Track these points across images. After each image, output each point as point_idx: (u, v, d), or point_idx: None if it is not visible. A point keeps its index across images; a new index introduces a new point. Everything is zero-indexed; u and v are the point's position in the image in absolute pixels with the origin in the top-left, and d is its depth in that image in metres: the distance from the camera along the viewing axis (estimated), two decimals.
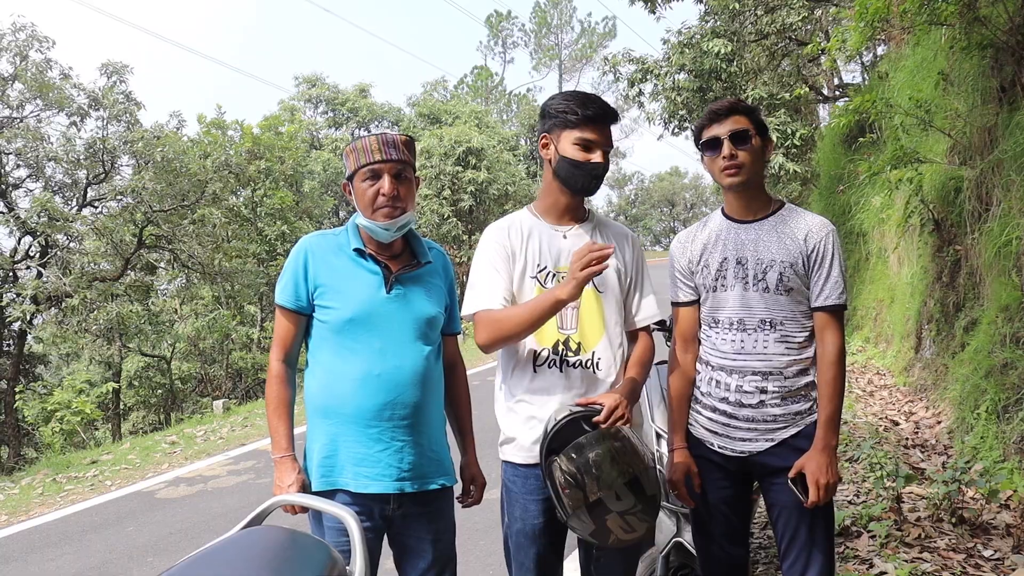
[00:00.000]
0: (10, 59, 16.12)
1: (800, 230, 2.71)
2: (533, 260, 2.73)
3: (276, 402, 2.63)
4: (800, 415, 2.70)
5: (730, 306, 2.75)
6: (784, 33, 14.43)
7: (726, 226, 2.83)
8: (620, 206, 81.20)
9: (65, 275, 15.27)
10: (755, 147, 2.71)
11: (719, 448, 2.79)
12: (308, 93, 36.61)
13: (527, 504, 2.69)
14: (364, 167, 2.60)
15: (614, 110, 2.71)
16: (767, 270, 2.69)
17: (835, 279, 2.66)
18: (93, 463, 8.92)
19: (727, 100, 2.80)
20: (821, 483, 2.56)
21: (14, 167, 16.90)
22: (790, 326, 2.69)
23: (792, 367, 2.69)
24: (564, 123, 2.68)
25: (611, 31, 60.05)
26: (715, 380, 2.79)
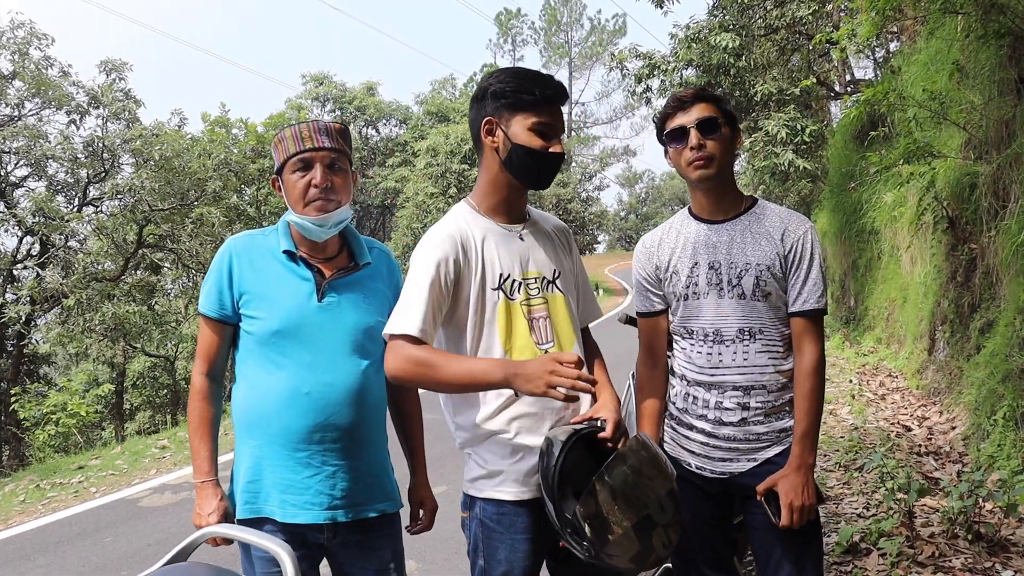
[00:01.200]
0: (9, 56, 15.98)
1: (776, 228, 2.47)
2: (492, 270, 2.33)
3: (198, 421, 2.37)
4: (785, 432, 2.47)
5: (704, 315, 2.51)
6: (794, 27, 14.13)
7: (695, 228, 2.58)
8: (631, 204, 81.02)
9: (67, 275, 15.12)
10: (725, 136, 2.47)
11: (697, 469, 2.55)
12: (315, 91, 36.53)
13: (515, 544, 2.31)
14: (294, 156, 2.32)
15: (566, 89, 2.41)
16: (742, 274, 2.45)
17: (814, 281, 2.44)
18: (80, 468, 8.70)
19: (692, 88, 2.56)
20: (796, 505, 2.33)
21: (15, 166, 16.76)
22: (770, 334, 2.46)
23: (775, 380, 2.46)
24: (516, 105, 2.30)
25: (621, 28, 59.82)
26: (692, 396, 2.55)
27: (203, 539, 2.08)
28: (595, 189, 60.25)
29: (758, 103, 15.19)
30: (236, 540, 2.17)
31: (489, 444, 2.34)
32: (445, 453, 7.20)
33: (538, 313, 2.37)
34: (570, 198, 41.05)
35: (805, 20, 13.56)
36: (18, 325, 14.74)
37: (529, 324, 2.35)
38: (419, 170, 29.93)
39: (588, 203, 47.07)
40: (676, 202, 77.37)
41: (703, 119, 2.44)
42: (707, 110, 2.45)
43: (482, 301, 2.32)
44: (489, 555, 2.34)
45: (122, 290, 16.51)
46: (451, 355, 2.26)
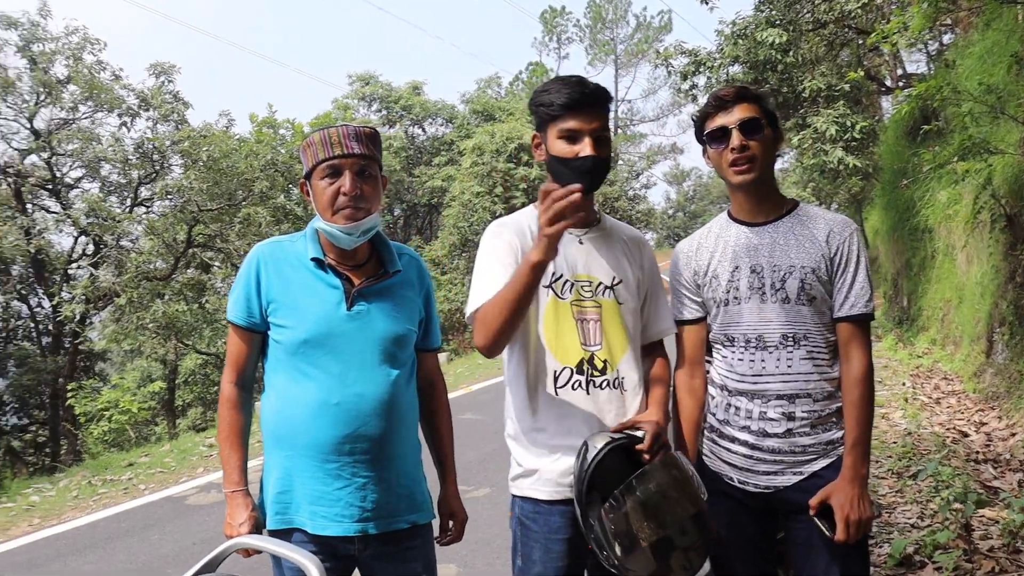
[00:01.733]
0: (64, 62, 16.32)
1: (820, 231, 2.38)
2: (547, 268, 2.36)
3: (227, 430, 2.34)
4: (833, 444, 2.36)
5: (746, 321, 2.41)
6: (843, 21, 13.82)
7: (735, 230, 2.49)
8: (678, 202, 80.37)
9: (120, 274, 15.40)
10: (767, 138, 2.38)
11: (739, 484, 2.44)
12: (362, 91, 36.64)
13: (549, 544, 2.33)
14: (323, 163, 2.26)
15: (598, 89, 2.35)
16: (786, 277, 2.36)
17: (861, 284, 2.34)
18: (130, 465, 8.85)
19: (733, 86, 2.45)
20: (852, 519, 2.23)
21: (70, 168, 17.12)
22: (815, 340, 2.36)
23: (821, 388, 2.36)
24: (547, 117, 2.34)
25: (667, 25, 59.24)
26: (733, 406, 2.44)
27: (232, 550, 2.08)
28: (642, 187, 59.76)
29: (806, 99, 14.87)
30: (264, 551, 2.15)
31: (528, 442, 2.38)
32: (489, 455, 7.22)
33: (589, 315, 2.39)
34: (617, 196, 40.70)
35: (854, 14, 13.25)
36: (73, 323, 15.03)
37: (578, 324, 2.37)
38: (465, 169, 29.89)
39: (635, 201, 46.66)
40: (724, 200, 76.55)
41: (745, 120, 2.35)
42: (749, 110, 2.37)
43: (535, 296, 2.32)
44: (525, 554, 2.38)
45: (173, 289, 16.76)
46: None
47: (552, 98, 2.32)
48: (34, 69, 15.88)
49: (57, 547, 6.03)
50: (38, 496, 7.77)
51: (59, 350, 16.84)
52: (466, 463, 7.19)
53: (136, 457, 9.35)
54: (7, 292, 16.96)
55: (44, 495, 7.82)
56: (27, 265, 16.67)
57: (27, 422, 17.75)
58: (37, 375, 15.81)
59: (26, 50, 16.00)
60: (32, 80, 15.82)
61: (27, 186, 16.24)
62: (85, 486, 8.03)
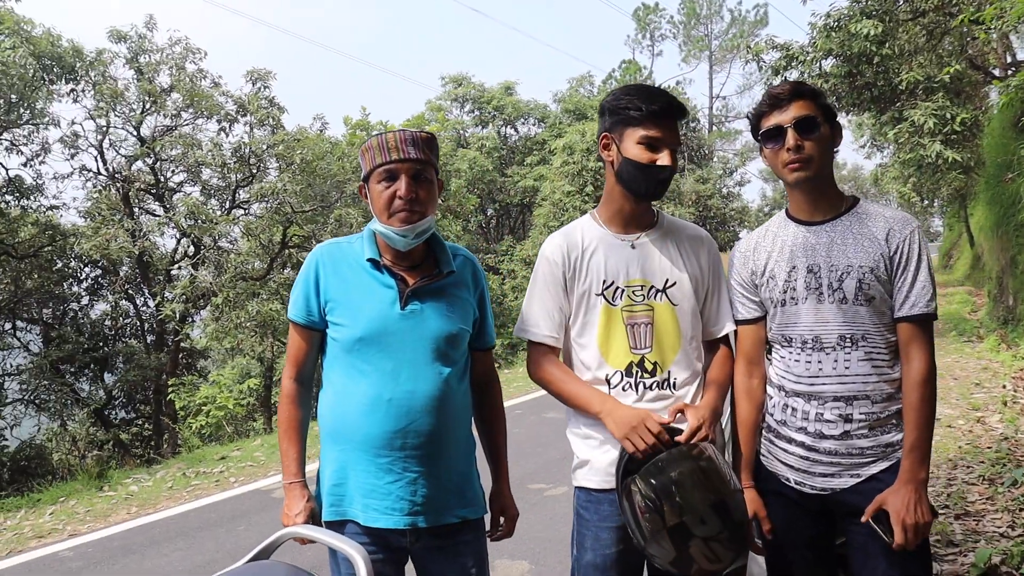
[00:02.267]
0: (168, 71, 17.01)
1: (879, 229, 2.33)
2: (598, 276, 2.51)
3: (287, 424, 2.45)
4: (892, 447, 2.32)
5: (803, 322, 2.39)
6: (944, 9, 13.28)
7: (792, 230, 2.48)
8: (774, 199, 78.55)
9: (219, 275, 15.98)
10: (823, 136, 2.36)
11: (796, 484, 2.42)
12: (454, 92, 37.02)
13: (599, 532, 2.45)
14: (380, 167, 2.35)
15: (681, 104, 2.46)
16: (843, 277, 2.33)
17: (923, 283, 2.29)
18: (222, 459, 9.18)
19: (788, 83, 2.43)
20: (909, 523, 2.19)
21: (173, 173, 17.84)
22: (874, 341, 2.32)
23: (880, 390, 2.32)
24: (627, 120, 2.42)
25: (763, 19, 58.03)
26: (790, 407, 2.42)
27: (284, 539, 2.15)
28: (736, 184, 58.68)
29: (903, 92, 14.35)
30: (315, 541, 2.22)
31: (582, 438, 2.52)
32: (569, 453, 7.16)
33: (640, 320, 2.48)
34: (710, 194, 40.16)
35: (956, 1, 12.73)
36: (174, 322, 15.66)
37: (628, 329, 2.47)
38: (555, 168, 29.90)
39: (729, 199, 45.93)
40: None
41: (800, 118, 2.33)
42: (805, 108, 2.34)
43: (586, 305, 2.51)
44: (580, 543, 2.50)
45: (269, 289, 17.27)
46: (569, 374, 2.52)
47: (640, 103, 2.39)
48: (140, 79, 16.59)
49: (151, 534, 6.31)
50: (136, 486, 8.13)
51: (162, 348, 17.57)
52: (547, 461, 7.22)
53: (229, 451, 9.69)
54: (115, 292, 17.79)
55: (142, 485, 8.18)
56: (133, 266, 17.46)
57: (134, 416, 18.58)
58: (142, 371, 16.52)
59: (133, 61, 16.73)
60: (138, 90, 16.53)
61: (133, 191, 17.01)
62: (180, 477, 8.37)
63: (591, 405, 2.40)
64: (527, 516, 5.74)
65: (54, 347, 16.02)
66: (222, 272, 16.17)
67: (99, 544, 6.15)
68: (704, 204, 39.46)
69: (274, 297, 17.14)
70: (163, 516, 6.84)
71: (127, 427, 18.08)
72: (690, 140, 43.72)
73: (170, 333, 17.06)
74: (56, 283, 16.92)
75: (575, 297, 2.51)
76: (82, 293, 18.07)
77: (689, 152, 42.97)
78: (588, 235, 2.55)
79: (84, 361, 17.01)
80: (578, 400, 2.44)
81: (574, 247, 2.52)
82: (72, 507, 7.43)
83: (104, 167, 17.16)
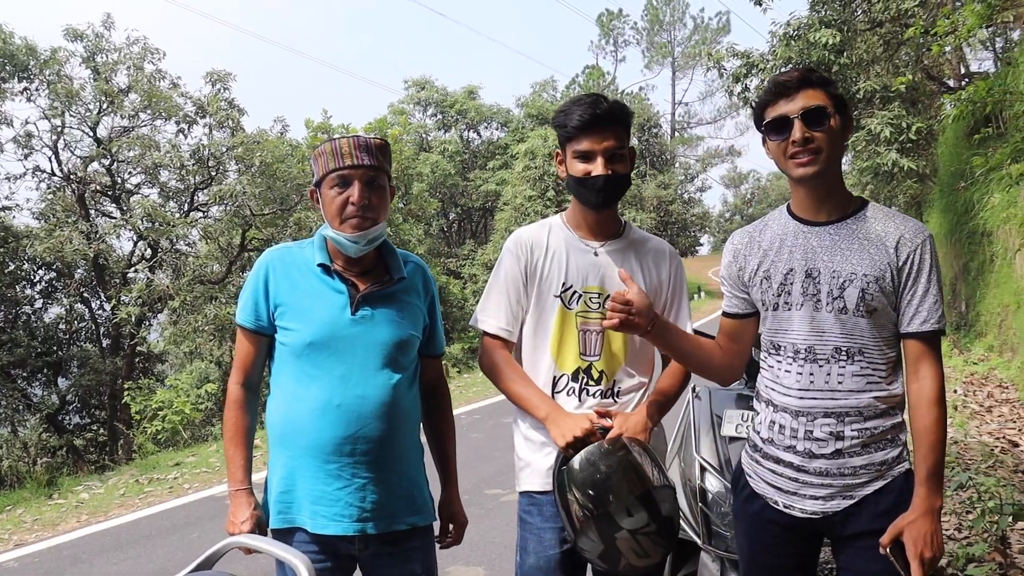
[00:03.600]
0: (125, 72, 16.77)
1: (889, 236, 2.14)
2: (558, 278, 2.51)
3: (233, 430, 2.40)
4: (886, 465, 2.17)
5: (796, 330, 2.21)
6: (900, 20, 13.50)
7: (793, 228, 2.27)
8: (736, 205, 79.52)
9: (177, 278, 15.77)
10: (833, 129, 2.15)
11: (784, 508, 2.25)
12: (417, 96, 36.98)
13: (542, 534, 2.45)
14: (333, 172, 2.31)
15: (612, 108, 2.41)
16: (845, 286, 2.14)
17: (934, 298, 2.12)
18: (176, 465, 9.06)
19: (796, 69, 2.21)
20: (927, 556, 2.03)
21: (130, 174, 17.57)
22: (871, 356, 2.16)
23: (873, 407, 2.16)
24: (564, 138, 2.47)
25: (724, 27, 58.78)
26: (778, 424, 2.25)
27: (228, 548, 2.12)
28: (697, 190, 59.32)
29: (861, 101, 14.58)
30: (256, 550, 2.19)
31: (525, 440, 2.53)
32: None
33: (591, 327, 2.49)
34: (671, 199, 40.58)
35: (911, 12, 12.95)
36: (130, 325, 15.42)
37: (580, 335, 2.48)
38: (518, 173, 30.00)
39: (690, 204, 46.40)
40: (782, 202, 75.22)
41: (809, 108, 2.12)
42: (814, 97, 2.14)
43: (542, 305, 2.51)
44: (523, 547, 2.50)
45: (228, 292, 17.09)
46: (519, 373, 2.51)
47: (566, 119, 2.42)
48: (97, 79, 16.33)
49: (101, 543, 6.19)
50: (87, 494, 7.98)
51: (118, 352, 17.27)
52: (504, 466, 7.22)
53: (184, 457, 9.56)
54: (70, 295, 17.47)
55: (93, 493, 8.03)
56: (89, 269, 17.14)
57: (88, 421, 18.25)
58: (97, 376, 16.24)
59: (90, 61, 16.46)
60: (95, 90, 16.27)
61: (89, 192, 16.71)
62: (132, 484, 8.23)
63: (537, 410, 2.41)
64: (483, 522, 5.72)
65: (5, 351, 15.66)
66: (180, 275, 15.97)
67: (47, 554, 6.03)
68: (665, 209, 39.83)
69: (233, 301, 16.93)
70: (114, 524, 6.73)
71: (81, 433, 17.74)
72: (652, 146, 44.07)
73: (126, 337, 16.77)
74: (8, 286, 16.53)
75: (533, 295, 2.52)
76: (35, 296, 17.68)
77: (651, 158, 43.31)
78: (555, 236, 2.56)
79: (37, 365, 16.67)
80: (525, 403, 2.45)
81: (539, 245, 2.54)
82: (19, 516, 7.27)
83: (59, 168, 16.86)
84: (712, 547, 3.04)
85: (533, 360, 2.54)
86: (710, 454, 3.21)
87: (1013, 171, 6.80)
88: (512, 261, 2.54)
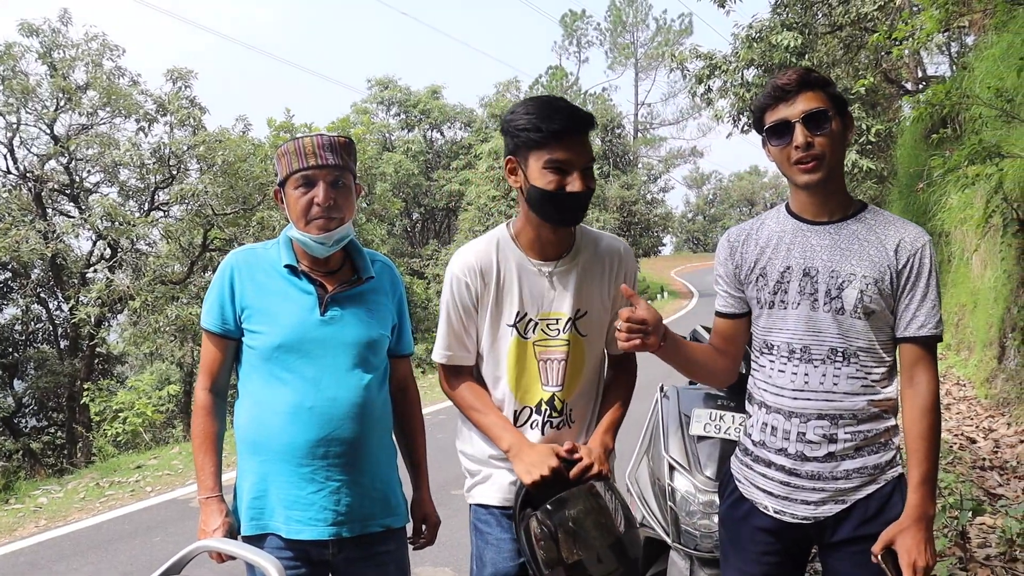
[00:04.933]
0: (83, 68, 16.50)
1: (890, 239, 2.12)
2: (511, 307, 2.35)
3: (201, 437, 2.35)
4: (879, 469, 2.14)
5: (791, 329, 2.18)
6: (859, 24, 13.72)
7: (792, 227, 2.24)
8: (698, 206, 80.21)
9: (137, 278, 15.55)
10: (835, 132, 2.11)
11: (775, 514, 2.22)
12: (380, 95, 36.84)
13: (500, 545, 2.37)
14: (297, 173, 2.27)
15: (587, 116, 2.23)
16: (844, 286, 2.11)
17: (932, 302, 2.10)
18: (138, 468, 8.91)
19: (796, 71, 2.17)
20: (919, 566, 2.01)
21: (88, 173, 17.30)
22: (866, 359, 2.13)
23: (866, 410, 2.13)
24: (529, 143, 2.20)
25: (687, 28, 59.18)
26: (770, 426, 2.22)
27: (196, 552, 2.08)
28: (660, 191, 59.66)
29: None
30: (225, 554, 2.16)
31: (483, 457, 2.44)
32: None
33: (553, 355, 2.38)
34: (634, 200, 40.75)
35: (871, 16, 13.16)
36: (89, 326, 15.17)
37: (540, 365, 2.37)
38: (481, 173, 30.02)
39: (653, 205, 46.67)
40: (744, 203, 76.35)
41: (810, 112, 2.08)
42: (814, 100, 2.09)
43: (495, 335, 2.38)
44: (479, 558, 2.42)
45: (189, 293, 16.88)
46: (482, 400, 2.40)
47: (539, 124, 2.18)
48: (54, 75, 16.05)
49: (61, 548, 6.07)
50: (46, 498, 7.83)
51: (76, 353, 16.99)
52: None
53: (146, 459, 9.42)
54: (26, 296, 17.16)
55: (52, 497, 7.88)
56: (46, 269, 16.85)
57: (46, 424, 17.94)
58: (55, 378, 15.97)
59: (46, 56, 16.17)
60: (52, 86, 16.00)
61: (46, 191, 16.41)
62: (93, 488, 8.09)
63: (500, 441, 2.33)
64: (450, 522, 5.67)
65: None
66: (140, 275, 15.76)
67: (3, 560, 5.89)
68: (628, 210, 39.97)
69: (194, 301, 16.75)
70: (74, 528, 6.59)
71: (38, 436, 17.42)
72: (615, 146, 44.24)
73: (85, 338, 16.49)
74: None
75: (486, 324, 2.37)
76: None
77: (614, 158, 43.46)
78: (504, 257, 2.36)
79: None
80: (487, 431, 2.37)
81: (488, 271, 2.34)
82: None
83: (15, 166, 16.55)
84: (681, 545, 3.05)
85: (493, 393, 2.43)
86: (679, 453, 3.22)
87: (970, 172, 6.93)
88: (458, 290, 2.37)
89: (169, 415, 17.52)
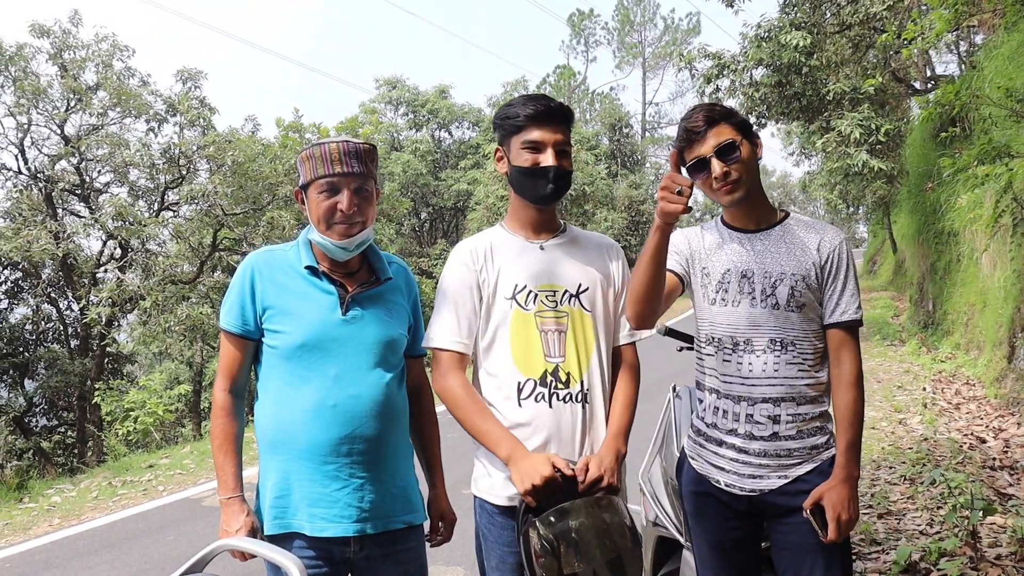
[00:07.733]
0: (94, 69, 16.55)
1: (811, 240, 2.43)
2: (507, 279, 2.45)
3: (222, 437, 2.38)
4: (816, 449, 2.41)
5: (734, 324, 2.43)
6: (868, 23, 13.68)
7: (728, 235, 2.53)
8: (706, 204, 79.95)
9: (147, 278, 15.59)
10: (745, 156, 2.39)
11: (726, 487, 2.46)
12: (388, 95, 36.85)
13: (504, 555, 2.40)
14: (322, 178, 2.31)
15: (563, 107, 2.47)
16: (777, 284, 2.39)
17: (851, 292, 2.40)
18: (150, 467, 8.96)
19: (699, 110, 2.43)
20: (843, 519, 2.27)
21: (99, 173, 17.35)
22: (802, 346, 2.40)
23: (804, 394, 2.40)
24: (511, 129, 2.45)
25: (695, 27, 58.94)
26: (721, 410, 2.47)
27: (219, 551, 2.11)
28: None
29: (831, 102, 14.76)
30: (247, 553, 2.19)
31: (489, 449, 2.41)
32: None
33: (551, 326, 2.43)
34: (642, 200, 40.69)
35: (880, 15, 13.12)
36: (100, 326, 15.23)
37: (541, 336, 2.42)
38: (489, 172, 29.96)
39: None
40: None
41: (720, 145, 2.36)
42: (723, 133, 2.37)
43: (495, 311, 2.44)
44: (487, 558, 2.47)
45: (199, 292, 16.93)
46: (478, 404, 2.39)
47: (518, 111, 2.42)
48: (64, 76, 16.09)
49: (75, 547, 6.12)
50: (59, 497, 7.89)
51: (87, 353, 17.05)
52: None
53: (157, 459, 9.47)
54: (37, 295, 17.23)
55: (65, 496, 7.94)
56: (56, 269, 16.91)
57: (56, 423, 18.01)
58: (65, 377, 16.02)
59: (57, 57, 16.21)
60: (62, 87, 16.04)
61: (57, 191, 16.48)
62: (105, 487, 8.14)
63: (497, 448, 2.31)
64: (461, 521, 5.72)
65: None
66: (150, 275, 15.78)
67: (19, 559, 5.95)
68: (636, 209, 39.91)
69: (204, 301, 16.81)
70: (88, 527, 6.65)
71: (49, 435, 17.52)
72: (623, 146, 44.18)
73: (95, 338, 16.55)
74: None
75: (485, 302, 2.44)
76: (1, 296, 17.45)
77: (622, 158, 43.40)
78: (498, 240, 2.52)
79: (3, 367, 16.45)
80: (484, 438, 2.35)
81: (484, 250, 2.49)
82: None
83: (25, 166, 16.58)
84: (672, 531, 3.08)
85: (490, 370, 2.45)
86: None
87: (980, 172, 6.92)
88: (461, 269, 2.47)
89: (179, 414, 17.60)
